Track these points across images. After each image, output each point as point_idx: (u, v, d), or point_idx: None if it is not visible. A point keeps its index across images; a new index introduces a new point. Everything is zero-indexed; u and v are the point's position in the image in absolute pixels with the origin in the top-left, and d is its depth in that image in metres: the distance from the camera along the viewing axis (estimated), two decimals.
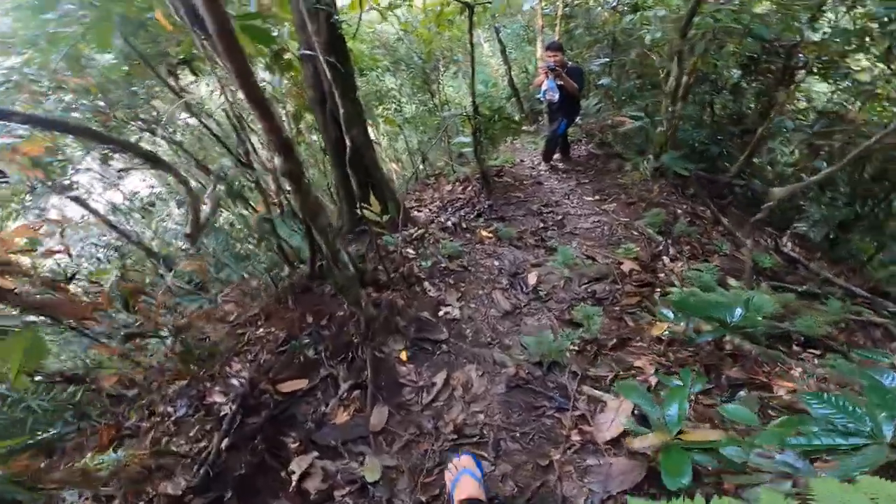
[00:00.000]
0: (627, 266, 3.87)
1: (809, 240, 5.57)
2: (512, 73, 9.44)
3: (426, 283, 3.59)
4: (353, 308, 3.12)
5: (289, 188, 2.97)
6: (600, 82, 6.76)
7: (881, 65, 4.69)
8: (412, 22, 8.17)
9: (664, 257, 4.07)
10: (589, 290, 3.53)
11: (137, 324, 2.64)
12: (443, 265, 3.82)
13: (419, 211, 5.61)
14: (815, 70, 5.20)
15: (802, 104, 6.17)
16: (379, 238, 4.00)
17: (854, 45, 4.61)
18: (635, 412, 2.32)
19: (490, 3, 4.27)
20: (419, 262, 3.80)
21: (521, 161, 6.92)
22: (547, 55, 5.61)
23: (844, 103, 5.50)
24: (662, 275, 3.83)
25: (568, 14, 7.65)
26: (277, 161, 1.86)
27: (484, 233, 4.54)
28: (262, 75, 3.57)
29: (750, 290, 3.50)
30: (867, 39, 4.41)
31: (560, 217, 4.80)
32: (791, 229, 5.32)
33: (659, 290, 3.52)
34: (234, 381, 2.82)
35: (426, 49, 7.69)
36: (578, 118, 6.89)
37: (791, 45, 5.18)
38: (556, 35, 7.21)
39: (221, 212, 4.68)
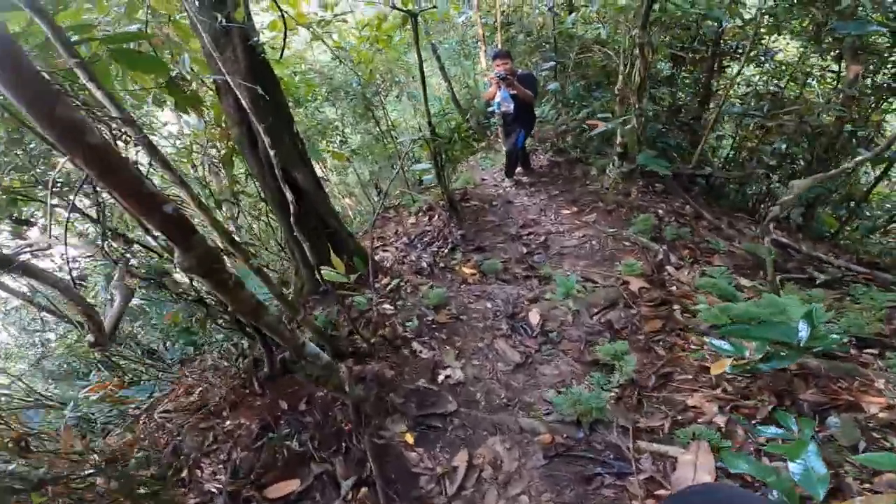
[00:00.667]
0: (635, 284, 3.44)
1: (787, 221, 5.39)
2: (454, 89, 9.06)
3: (415, 344, 3.02)
4: (335, 394, 2.52)
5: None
6: (548, 87, 6.45)
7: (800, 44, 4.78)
8: (347, 42, 7.73)
9: (668, 267, 3.67)
10: (602, 320, 3.07)
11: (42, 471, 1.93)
12: (429, 318, 3.26)
13: (385, 250, 5.04)
14: (739, 55, 5.21)
15: (743, 89, 6.13)
16: (349, 300, 3.40)
17: (768, 27, 4.79)
18: (719, 464, 1.89)
19: (435, 7, 3.79)
20: (401, 320, 3.22)
21: (483, 180, 6.48)
22: (496, 65, 5.22)
23: (778, 84, 5.45)
24: (674, 287, 3.43)
25: (506, 22, 7.36)
26: (176, 254, 1.23)
27: (465, 269, 4.02)
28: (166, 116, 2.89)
29: (775, 289, 3.14)
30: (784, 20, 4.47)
31: (542, 237, 4.35)
32: (769, 213, 5.11)
33: (678, 307, 3.10)
34: (211, 488, 2.26)
35: (366, 71, 7.24)
36: (536, 126, 6.56)
37: (715, 32, 5.10)
38: (499, 43, 6.88)
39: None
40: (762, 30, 4.86)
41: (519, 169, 6.30)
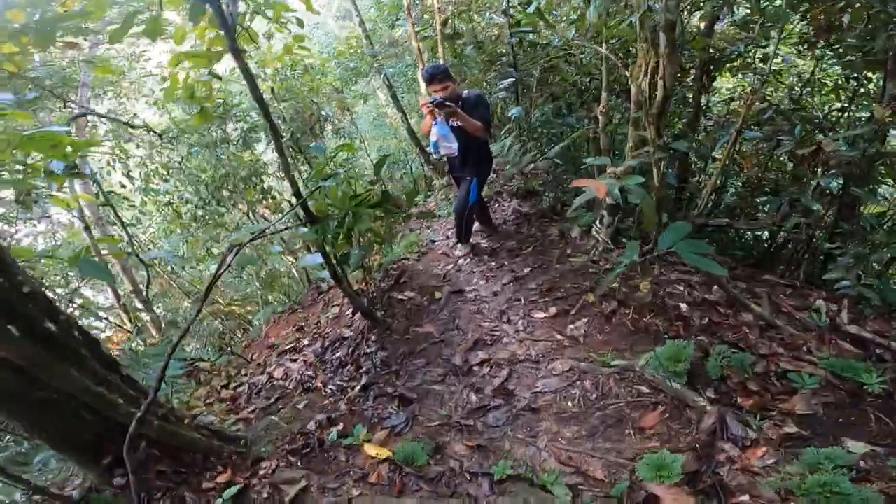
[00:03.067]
0: (668, 498, 1.81)
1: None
2: (410, 120, 7.47)
3: None
4: None
5: None
6: (509, 113, 4.85)
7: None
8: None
9: (723, 444, 2.04)
10: None
11: None
12: None
13: (291, 360, 3.43)
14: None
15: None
16: None
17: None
18: None
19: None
20: None
21: (432, 244, 4.83)
22: (431, 89, 3.62)
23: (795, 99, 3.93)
24: (745, 498, 1.79)
25: (451, 34, 5.78)
26: None
27: (371, 451, 2.35)
28: None
29: None
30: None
31: (504, 371, 2.69)
32: (835, 291, 3.48)
33: None
34: None
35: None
36: (494, 170, 4.95)
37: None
38: (442, 59, 5.27)
39: None
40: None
41: (477, 226, 4.67)
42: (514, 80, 4.77)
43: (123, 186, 6.25)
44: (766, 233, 4.35)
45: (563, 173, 5.25)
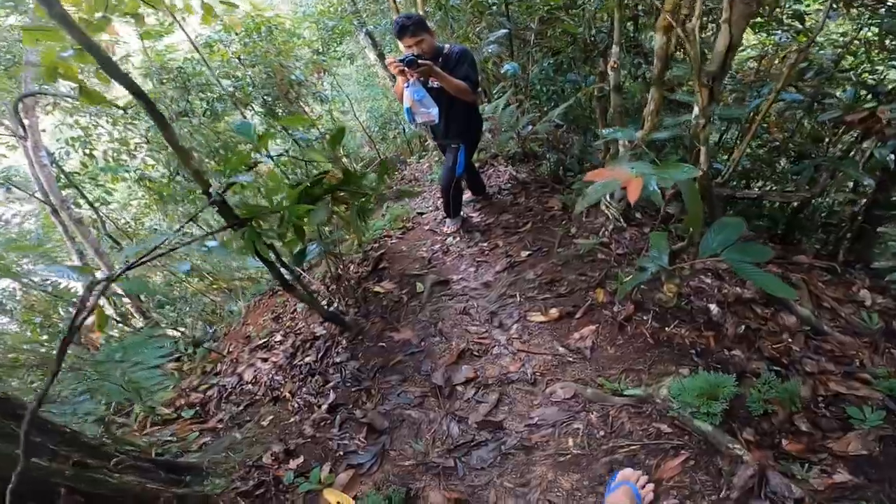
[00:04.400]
0: None
1: None
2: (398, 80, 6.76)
3: None
4: None
5: None
6: (503, 70, 4.21)
7: None
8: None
9: None
10: None
11: None
12: None
13: (262, 360, 3.07)
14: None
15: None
16: None
17: None
18: None
19: None
20: None
21: (420, 217, 4.33)
22: (404, 45, 3.05)
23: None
24: None
25: None
26: None
27: (332, 498, 1.96)
28: None
29: None
30: None
31: (493, 396, 2.23)
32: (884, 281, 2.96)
33: None
34: None
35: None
36: (486, 134, 4.37)
37: None
38: (419, 9, 4.57)
39: None
40: None
41: (468, 195, 4.17)
42: (507, 31, 4.10)
43: (85, 166, 5.74)
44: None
45: (565, 134, 4.67)
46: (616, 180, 1.55)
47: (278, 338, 3.50)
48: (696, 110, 2.15)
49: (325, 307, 3.36)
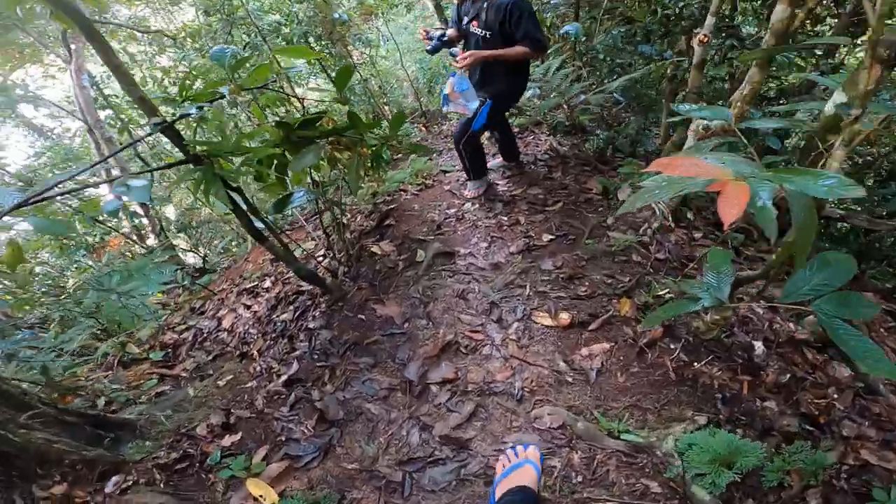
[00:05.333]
0: None
1: None
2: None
3: None
4: None
5: None
6: (562, 30, 3.63)
7: None
8: None
9: None
10: None
11: None
12: None
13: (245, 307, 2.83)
14: None
15: None
16: None
17: None
18: None
19: None
20: None
21: (444, 175, 3.89)
22: None
23: None
24: None
25: None
26: None
27: (255, 489, 1.67)
28: None
29: None
30: None
31: (468, 407, 1.85)
32: None
33: None
34: None
35: None
36: (530, 95, 3.83)
37: None
38: None
39: None
40: None
41: (498, 160, 3.72)
42: None
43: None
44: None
45: (622, 112, 4.09)
46: (701, 179, 1.01)
47: (267, 284, 3.22)
48: (838, 96, 1.52)
49: (320, 259, 3.05)
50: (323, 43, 5.28)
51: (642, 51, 3.41)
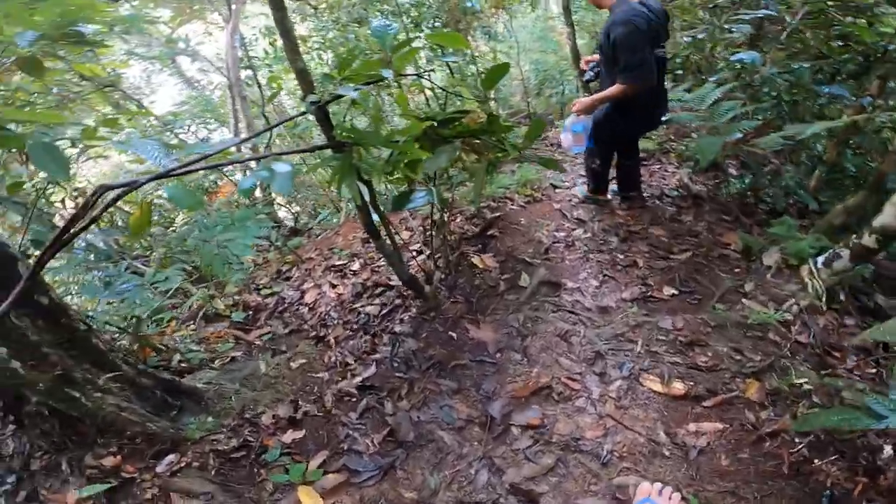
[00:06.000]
0: None
1: None
2: (578, 39, 5.93)
3: None
4: None
5: None
6: (734, 57, 3.18)
7: None
8: None
9: None
10: None
11: None
12: None
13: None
14: None
15: None
16: None
17: None
18: None
19: None
20: None
21: (554, 190, 3.60)
22: None
23: None
24: None
25: None
26: None
27: (306, 499, 1.55)
28: None
29: None
30: None
31: (547, 459, 1.63)
32: None
33: None
34: None
35: None
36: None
37: None
38: None
39: None
40: None
41: (614, 187, 3.36)
42: (767, 14, 3.05)
43: (266, 53, 6.01)
44: None
45: (771, 160, 3.55)
46: None
47: (356, 266, 3.14)
48: None
49: (412, 256, 2.90)
50: (446, 31, 5.16)
51: (832, 91, 2.90)
